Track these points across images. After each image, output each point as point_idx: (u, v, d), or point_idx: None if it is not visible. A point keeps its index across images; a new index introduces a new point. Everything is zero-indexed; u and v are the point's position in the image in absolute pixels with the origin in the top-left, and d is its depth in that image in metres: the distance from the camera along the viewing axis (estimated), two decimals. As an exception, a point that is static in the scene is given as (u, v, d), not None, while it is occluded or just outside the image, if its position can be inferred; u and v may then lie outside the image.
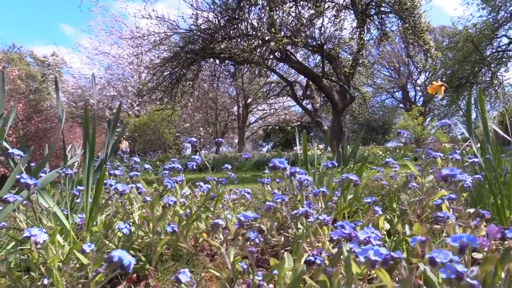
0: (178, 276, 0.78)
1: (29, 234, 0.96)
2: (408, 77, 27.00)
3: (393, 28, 11.87)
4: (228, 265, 1.07)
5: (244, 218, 0.97)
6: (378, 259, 0.67)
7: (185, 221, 1.52)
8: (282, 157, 1.19)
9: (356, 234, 0.90)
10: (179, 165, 1.67)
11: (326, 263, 0.97)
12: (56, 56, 23.17)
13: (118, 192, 1.34)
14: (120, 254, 0.64)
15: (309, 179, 1.17)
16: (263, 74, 12.22)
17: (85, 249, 1.02)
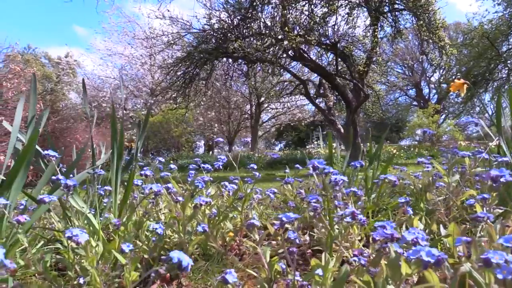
0: (225, 277, 0.78)
1: (71, 235, 0.97)
2: (422, 74, 26.68)
3: (407, 25, 11.76)
4: (265, 265, 1.07)
5: (286, 218, 0.97)
6: (431, 260, 0.66)
7: (213, 221, 1.52)
8: (320, 158, 1.18)
9: (396, 234, 0.90)
10: (209, 165, 1.67)
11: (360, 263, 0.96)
12: (70, 57, 23.47)
13: (153, 193, 1.36)
14: (179, 255, 0.65)
15: (345, 179, 1.17)
16: (276, 73, 12.18)
17: (124, 249, 1.03)
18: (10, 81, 7.38)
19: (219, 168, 1.78)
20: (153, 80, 17.97)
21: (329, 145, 1.97)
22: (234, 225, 1.72)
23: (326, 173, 1.16)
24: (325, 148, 17.97)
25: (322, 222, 1.26)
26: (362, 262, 0.87)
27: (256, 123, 19.71)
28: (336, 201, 1.29)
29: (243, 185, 1.86)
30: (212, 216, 1.54)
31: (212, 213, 1.68)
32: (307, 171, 2.39)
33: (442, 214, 1.82)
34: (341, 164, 7.40)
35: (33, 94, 1.50)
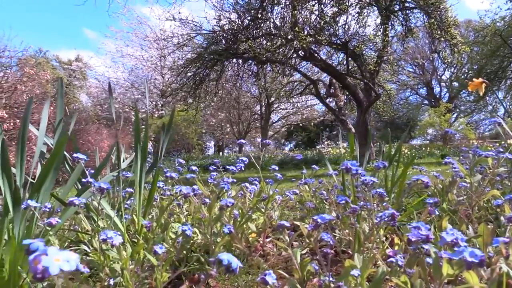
0: (265, 278, 0.78)
1: (106, 237, 0.99)
2: (433, 73, 26.43)
3: (418, 24, 11.67)
4: (296, 265, 1.07)
5: (321, 220, 0.97)
6: (475, 261, 0.66)
7: (237, 222, 1.53)
8: (352, 159, 1.18)
9: (431, 235, 0.90)
10: (233, 166, 1.68)
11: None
12: (80, 60, 23.73)
13: (183, 195, 1.37)
14: (228, 257, 0.66)
15: (375, 180, 1.17)
16: (286, 73, 12.18)
17: (157, 250, 1.05)
18: (24, 84, 7.49)
19: (240, 169, 1.79)
20: (163, 81, 18.08)
21: (351, 146, 1.97)
22: (257, 226, 1.73)
23: (356, 174, 1.16)
24: (335, 147, 17.91)
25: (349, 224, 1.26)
26: (400, 262, 0.87)
27: (266, 124, 19.72)
28: (362, 202, 1.29)
29: (265, 186, 1.87)
30: (237, 218, 1.55)
31: (234, 214, 1.69)
32: (326, 171, 2.39)
33: (464, 215, 1.80)
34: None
35: (60, 98, 1.52)
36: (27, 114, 1.26)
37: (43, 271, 0.41)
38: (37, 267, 0.41)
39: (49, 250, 0.43)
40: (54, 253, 0.42)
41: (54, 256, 0.42)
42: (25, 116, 1.26)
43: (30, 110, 1.26)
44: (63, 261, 0.42)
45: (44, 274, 0.41)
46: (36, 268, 0.41)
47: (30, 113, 1.26)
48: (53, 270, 0.41)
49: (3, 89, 7.09)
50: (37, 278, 0.41)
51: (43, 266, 0.41)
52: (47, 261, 0.41)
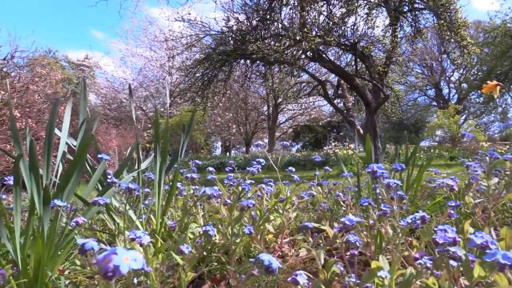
0: (296, 278, 0.80)
1: (135, 236, 1.01)
2: (441, 74, 26.26)
3: (427, 25, 11.61)
4: (320, 266, 1.08)
5: (349, 222, 0.98)
6: (508, 263, 0.67)
7: (256, 223, 1.55)
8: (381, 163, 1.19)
9: (457, 238, 0.90)
10: (254, 168, 1.69)
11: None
12: (89, 59, 23.89)
13: (207, 196, 1.38)
14: (269, 258, 0.67)
15: (399, 183, 1.18)
16: (295, 74, 12.18)
17: (184, 250, 1.06)
18: (36, 84, 7.56)
19: (258, 171, 1.80)
20: (171, 81, 18.15)
21: (367, 147, 1.98)
22: (274, 227, 1.74)
23: (379, 176, 1.17)
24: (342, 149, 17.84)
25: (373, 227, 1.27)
26: (428, 264, 0.88)
27: (274, 124, 19.73)
28: (383, 204, 1.29)
29: (283, 187, 1.88)
30: (256, 219, 1.57)
31: (252, 215, 1.70)
32: (337, 173, 2.40)
33: (480, 218, 1.80)
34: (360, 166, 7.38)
35: (83, 99, 1.55)
36: (53, 114, 1.28)
37: (114, 270, 0.43)
38: (108, 265, 0.43)
39: (118, 249, 0.44)
40: (123, 252, 0.44)
41: (124, 255, 0.43)
42: (51, 117, 1.28)
43: (56, 111, 1.28)
44: (131, 260, 0.44)
45: (115, 273, 0.43)
46: (108, 267, 0.43)
47: (56, 113, 1.28)
48: (123, 269, 0.43)
49: (15, 89, 7.16)
50: (108, 277, 0.43)
51: (114, 265, 0.42)
52: (118, 260, 0.43)
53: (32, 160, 1.20)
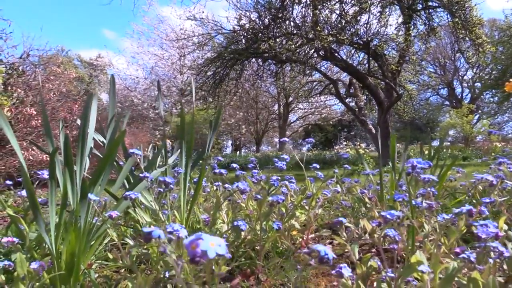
0: (341, 270, 0.80)
1: (172, 230, 1.01)
2: (454, 73, 25.96)
3: (441, 23, 11.49)
4: (355, 260, 1.08)
5: (390, 216, 0.98)
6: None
7: (283, 219, 1.55)
8: (419, 158, 1.19)
9: (500, 233, 0.90)
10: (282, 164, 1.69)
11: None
12: (101, 57, 24.09)
13: (240, 190, 1.39)
14: (324, 249, 0.67)
15: (434, 178, 1.17)
16: (307, 72, 12.15)
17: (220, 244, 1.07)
18: (51, 83, 7.65)
19: (282, 169, 1.80)
20: (182, 80, 18.22)
21: (392, 146, 1.97)
22: (299, 223, 1.74)
23: (413, 171, 1.16)
24: (353, 148, 17.75)
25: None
26: (472, 259, 0.87)
27: (284, 123, 19.70)
28: (414, 201, 1.29)
29: (310, 184, 1.88)
30: (284, 215, 1.57)
31: (280, 212, 1.70)
32: (362, 171, 2.39)
33: (507, 215, 1.78)
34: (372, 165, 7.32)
35: (112, 95, 1.56)
36: (87, 111, 1.30)
37: (201, 255, 0.43)
38: (196, 250, 0.43)
39: (203, 235, 0.45)
40: (208, 238, 0.44)
41: (210, 241, 0.44)
42: (85, 112, 1.29)
43: (90, 107, 1.30)
44: (216, 245, 0.44)
45: (203, 257, 0.43)
46: (195, 252, 0.43)
47: (90, 109, 1.30)
48: (210, 254, 0.43)
49: (30, 87, 7.25)
50: (195, 262, 0.44)
51: (202, 250, 0.43)
52: (205, 245, 0.43)
53: (67, 155, 1.21)
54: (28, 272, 1.00)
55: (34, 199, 1.11)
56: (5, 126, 1.22)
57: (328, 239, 1.86)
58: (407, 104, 14.40)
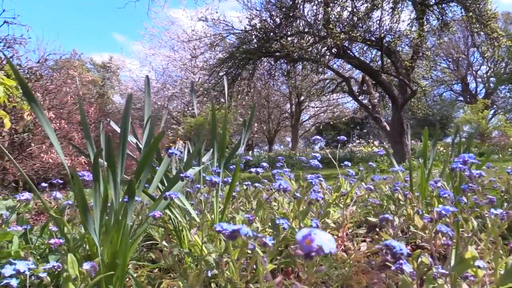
0: (402, 267, 0.79)
1: (221, 229, 1.02)
2: (468, 68, 25.59)
3: (455, 18, 11.34)
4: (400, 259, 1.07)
5: (444, 211, 0.97)
6: None
7: (321, 217, 1.55)
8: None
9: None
10: (317, 162, 1.69)
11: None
12: (113, 61, 24.30)
13: (282, 189, 1.39)
14: (399, 245, 0.67)
15: (483, 174, 1.15)
16: (320, 71, 12.09)
17: (267, 242, 1.07)
18: (68, 86, 7.76)
19: (316, 167, 1.79)
20: (194, 80, 18.28)
21: (424, 141, 1.95)
22: (333, 221, 1.74)
23: (463, 168, 1.15)
24: (367, 146, 17.64)
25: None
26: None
27: (297, 122, 19.65)
28: (459, 197, 1.27)
29: (344, 182, 1.87)
30: (321, 213, 1.57)
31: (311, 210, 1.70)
32: (391, 168, 2.37)
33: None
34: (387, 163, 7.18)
35: (147, 96, 1.57)
36: (127, 110, 1.31)
37: (317, 250, 0.43)
38: (311, 246, 0.43)
39: (315, 231, 0.45)
40: (321, 233, 0.44)
41: (323, 236, 0.44)
42: (125, 113, 1.30)
43: (130, 108, 1.31)
44: (329, 240, 0.44)
45: (319, 252, 0.43)
46: (311, 247, 0.43)
47: (130, 109, 1.31)
48: (326, 248, 0.43)
49: (48, 91, 7.36)
50: (310, 257, 0.44)
51: (317, 245, 0.43)
52: (320, 240, 0.43)
53: (110, 156, 1.23)
54: (81, 272, 1.02)
55: (84, 200, 1.12)
56: (48, 129, 1.24)
57: (361, 237, 1.85)
58: (421, 100, 14.25)
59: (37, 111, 1.16)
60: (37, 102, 1.15)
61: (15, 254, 1.55)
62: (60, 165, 7.11)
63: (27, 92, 1.13)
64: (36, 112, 1.16)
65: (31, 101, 1.13)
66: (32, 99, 1.14)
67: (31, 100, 1.14)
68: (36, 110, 1.16)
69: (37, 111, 1.16)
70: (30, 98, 1.14)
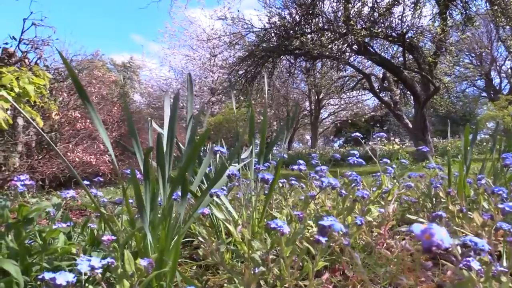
0: (470, 264, 0.78)
1: (276, 226, 1.02)
2: (492, 63, 24.96)
3: (479, 12, 11.08)
4: (458, 256, 1.05)
5: (509, 208, 0.95)
6: None
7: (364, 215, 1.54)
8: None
9: None
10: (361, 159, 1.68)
11: None
12: (133, 61, 24.64)
13: (330, 186, 1.38)
14: (481, 241, 0.66)
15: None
16: (341, 67, 12.00)
17: (321, 240, 1.07)
18: (93, 86, 7.89)
19: (354, 163, 1.78)
20: (213, 79, 18.39)
21: (466, 137, 1.91)
22: (374, 218, 1.72)
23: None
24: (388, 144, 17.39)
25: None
26: None
27: (316, 120, 19.55)
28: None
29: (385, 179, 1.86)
30: (365, 210, 1.56)
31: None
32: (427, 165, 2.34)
33: None
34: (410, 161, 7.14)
35: (190, 94, 1.59)
36: (175, 110, 1.32)
37: (438, 245, 0.43)
38: (432, 240, 0.43)
39: (434, 226, 0.45)
40: (438, 228, 0.44)
41: (441, 231, 0.44)
42: (172, 112, 1.32)
43: (177, 107, 1.33)
44: (447, 235, 0.44)
45: (440, 246, 0.43)
46: (432, 242, 0.43)
47: (177, 108, 1.32)
48: (446, 243, 0.43)
49: (74, 90, 7.50)
50: (431, 251, 0.44)
51: (439, 240, 0.43)
52: (440, 235, 0.43)
53: (160, 155, 1.24)
54: (137, 269, 1.03)
55: (141, 198, 1.14)
56: (99, 126, 1.26)
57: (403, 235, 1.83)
58: (444, 97, 13.99)
59: (91, 111, 1.18)
60: (91, 103, 1.17)
61: (61, 251, 1.59)
62: (85, 163, 7.24)
63: (82, 93, 1.16)
64: (89, 112, 1.18)
65: (86, 102, 1.16)
66: (86, 100, 1.17)
67: (86, 101, 1.16)
68: (90, 110, 1.18)
69: (91, 111, 1.19)
70: (84, 98, 1.16)
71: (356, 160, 1.63)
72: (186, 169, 1.39)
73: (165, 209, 1.30)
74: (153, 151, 1.24)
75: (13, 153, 6.06)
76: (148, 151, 1.20)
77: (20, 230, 1.45)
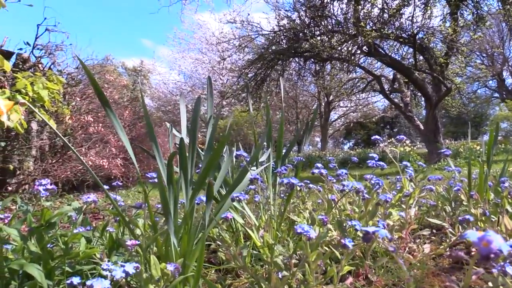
0: (506, 269, 0.76)
1: (302, 230, 1.01)
2: (504, 63, 24.65)
3: (490, 11, 10.97)
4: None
5: None
6: None
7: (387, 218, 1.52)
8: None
9: None
10: (383, 163, 1.67)
11: None
12: (143, 65, 24.78)
13: (354, 190, 1.37)
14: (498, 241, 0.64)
15: None
16: (351, 69, 11.95)
17: (347, 244, 1.06)
18: (105, 91, 7.96)
19: (374, 166, 1.76)
20: (222, 82, 18.44)
21: (490, 140, 1.88)
22: (395, 222, 1.70)
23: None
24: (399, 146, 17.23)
25: None
26: None
27: (326, 122, 19.48)
28: None
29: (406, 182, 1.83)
30: (387, 213, 1.54)
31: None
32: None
33: None
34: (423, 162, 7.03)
35: (210, 96, 1.59)
36: (196, 112, 1.32)
37: (496, 252, 0.42)
38: (490, 247, 0.42)
39: (490, 233, 0.44)
40: (496, 236, 0.43)
41: (498, 238, 0.43)
42: (194, 115, 1.32)
43: (199, 109, 1.32)
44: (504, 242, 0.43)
45: (498, 254, 0.42)
46: (489, 249, 0.42)
47: (199, 111, 1.32)
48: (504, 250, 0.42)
49: (86, 95, 7.57)
50: (489, 258, 0.43)
51: (497, 248, 0.42)
52: (498, 243, 0.42)
53: (182, 158, 1.24)
54: (164, 274, 1.03)
55: (167, 202, 1.14)
56: (120, 130, 1.26)
57: (424, 238, 1.81)
58: (455, 98, 13.85)
59: (111, 115, 1.19)
60: (111, 107, 1.18)
61: (83, 255, 1.59)
62: (97, 167, 7.30)
63: (102, 97, 1.16)
64: (109, 116, 1.19)
65: (106, 107, 1.16)
66: (106, 105, 1.17)
67: (106, 105, 1.16)
68: (110, 114, 1.19)
69: (111, 116, 1.19)
70: (105, 103, 1.17)
71: (376, 163, 1.62)
72: (207, 172, 1.38)
73: (187, 213, 1.29)
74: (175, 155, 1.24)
75: (27, 157, 6.14)
76: (172, 155, 1.20)
77: (43, 234, 1.46)
